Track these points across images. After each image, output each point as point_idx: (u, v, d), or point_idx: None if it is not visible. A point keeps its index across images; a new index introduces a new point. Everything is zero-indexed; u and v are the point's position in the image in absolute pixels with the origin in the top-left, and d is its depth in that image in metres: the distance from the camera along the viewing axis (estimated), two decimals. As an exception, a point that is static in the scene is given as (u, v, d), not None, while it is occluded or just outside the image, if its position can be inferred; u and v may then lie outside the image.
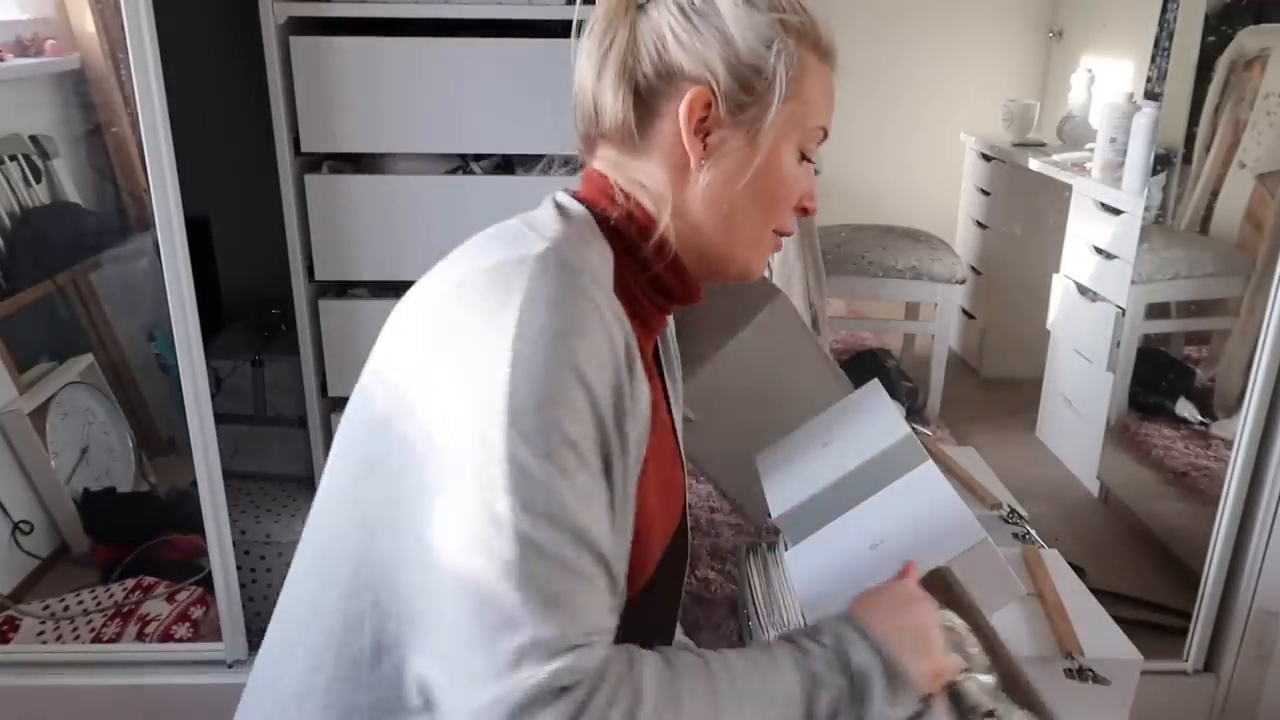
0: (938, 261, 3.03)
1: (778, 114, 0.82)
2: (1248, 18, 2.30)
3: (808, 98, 0.84)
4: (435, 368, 0.73)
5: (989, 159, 3.48)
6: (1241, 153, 2.28)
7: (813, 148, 0.87)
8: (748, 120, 0.82)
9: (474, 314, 0.73)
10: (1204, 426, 2.36)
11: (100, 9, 2.36)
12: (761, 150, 0.83)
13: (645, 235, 0.83)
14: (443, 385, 0.72)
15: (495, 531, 0.66)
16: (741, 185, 0.84)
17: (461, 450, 0.69)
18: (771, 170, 0.85)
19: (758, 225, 0.87)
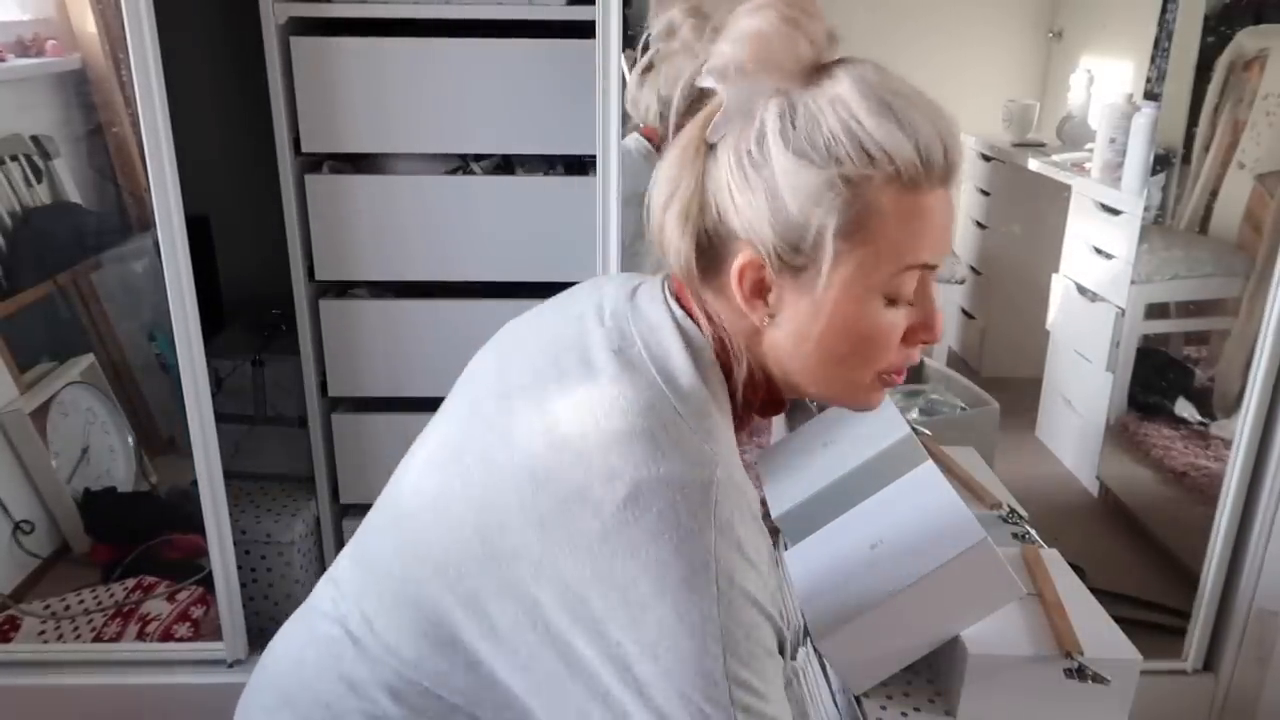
0: (937, 261, 3.03)
1: (837, 268, 0.76)
2: (1247, 18, 2.30)
3: (885, 240, 0.76)
4: (616, 619, 0.73)
5: (988, 159, 3.48)
6: (1241, 153, 2.28)
7: (907, 287, 0.79)
8: (805, 280, 0.77)
9: (665, 533, 0.72)
10: (1203, 426, 2.37)
11: (101, 9, 2.36)
12: (826, 306, 0.78)
13: (728, 366, 0.83)
14: (650, 617, 0.72)
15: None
16: (815, 339, 0.79)
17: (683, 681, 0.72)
18: (847, 323, 0.79)
19: (848, 373, 0.82)
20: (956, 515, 1.26)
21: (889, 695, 1.29)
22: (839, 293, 0.77)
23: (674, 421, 0.75)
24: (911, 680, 1.31)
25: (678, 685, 0.71)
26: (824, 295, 0.77)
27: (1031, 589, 1.31)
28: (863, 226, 0.75)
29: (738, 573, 0.73)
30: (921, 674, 1.32)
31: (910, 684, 1.31)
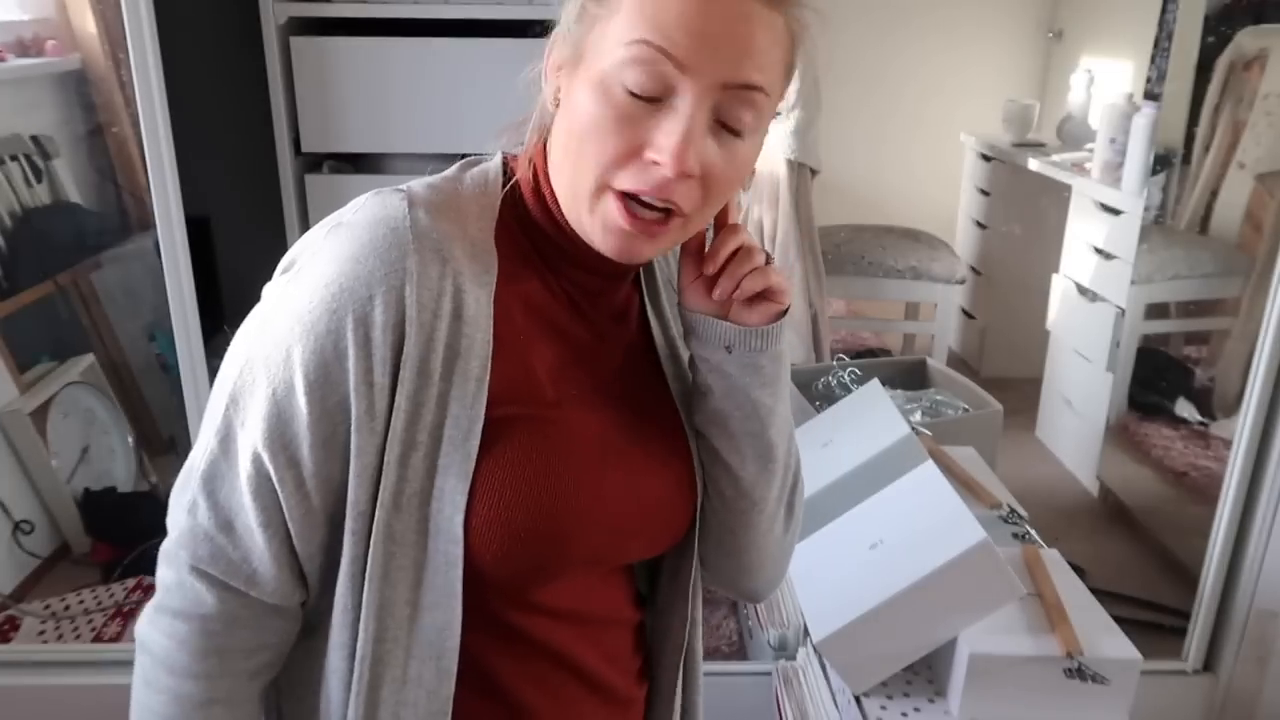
0: (937, 261, 3.03)
1: (588, 33, 0.68)
2: (1247, 18, 2.30)
3: (625, 7, 0.66)
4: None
5: (989, 159, 3.48)
6: (1241, 153, 2.28)
7: (632, 72, 0.65)
8: (581, 57, 0.69)
9: (316, 229, 0.76)
10: (1203, 426, 2.37)
11: (101, 9, 2.36)
12: (572, 80, 0.69)
13: (535, 195, 0.76)
14: (266, 287, 0.77)
15: (211, 409, 0.73)
16: (559, 129, 0.71)
17: (236, 336, 0.74)
18: (571, 100, 0.69)
19: (572, 171, 0.70)
20: (957, 515, 1.26)
21: (889, 695, 1.29)
22: (583, 66, 0.69)
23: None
24: (911, 680, 1.31)
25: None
26: (579, 68, 0.69)
27: (1031, 589, 1.31)
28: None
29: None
30: (921, 674, 1.32)
31: (910, 684, 1.31)
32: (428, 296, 0.68)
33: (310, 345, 0.68)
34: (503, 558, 0.71)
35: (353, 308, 0.68)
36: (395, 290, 0.68)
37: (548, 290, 0.77)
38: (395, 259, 0.68)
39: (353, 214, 0.72)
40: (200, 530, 0.73)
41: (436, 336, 0.69)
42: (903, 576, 1.22)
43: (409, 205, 0.71)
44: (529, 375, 0.73)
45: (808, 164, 2.77)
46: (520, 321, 0.74)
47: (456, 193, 0.75)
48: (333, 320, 0.68)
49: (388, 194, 0.73)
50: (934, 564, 1.20)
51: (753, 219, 2.91)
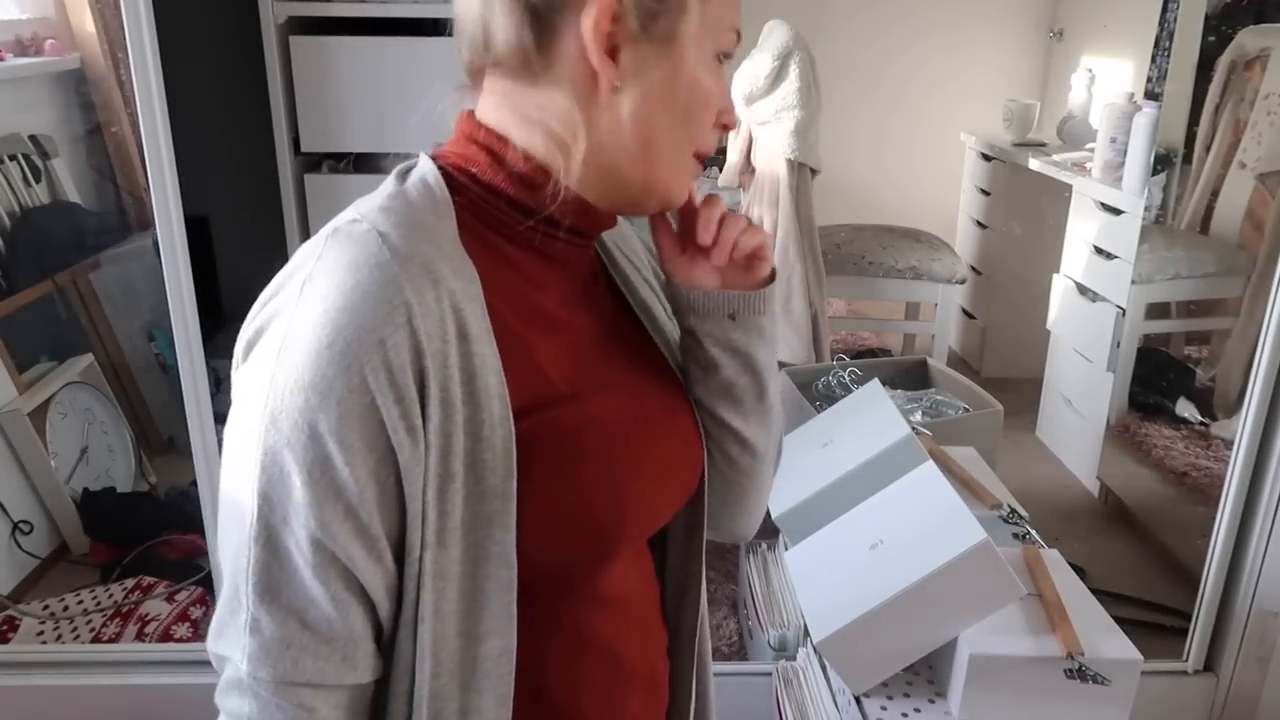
0: (938, 261, 3.03)
1: (690, 18, 0.70)
2: (1248, 18, 2.30)
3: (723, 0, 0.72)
4: (243, 340, 0.71)
5: (989, 159, 3.48)
6: (1242, 153, 2.28)
7: (730, 49, 0.74)
8: (663, 31, 0.70)
9: (272, 294, 0.70)
10: (1204, 426, 2.36)
11: (100, 9, 2.36)
12: (677, 59, 0.71)
13: (532, 182, 0.72)
14: (242, 372, 0.70)
15: (238, 518, 0.66)
16: (659, 103, 0.72)
17: (233, 438, 0.68)
18: (694, 85, 0.72)
19: (680, 149, 0.75)
20: (957, 515, 1.26)
21: (889, 695, 1.29)
22: (690, 44, 0.71)
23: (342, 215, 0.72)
24: (911, 680, 1.31)
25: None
26: (678, 47, 0.71)
27: (1032, 589, 1.31)
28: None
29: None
30: (921, 674, 1.32)
31: (910, 684, 1.30)
32: (433, 325, 0.65)
33: (335, 413, 0.63)
34: (556, 567, 0.71)
35: (367, 358, 0.63)
36: (403, 327, 0.64)
37: (526, 281, 0.75)
38: (392, 295, 0.64)
39: (318, 263, 0.67)
40: (274, 643, 0.66)
41: (450, 363, 0.66)
42: (903, 577, 1.22)
43: (379, 233, 0.67)
44: (540, 377, 0.72)
45: (808, 164, 2.77)
46: (514, 323, 0.72)
47: (410, 207, 0.71)
48: (351, 378, 0.63)
49: (348, 230, 0.68)
50: (934, 564, 1.20)
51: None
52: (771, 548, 2.00)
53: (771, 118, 2.76)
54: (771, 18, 2.86)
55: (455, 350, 0.66)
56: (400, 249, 0.66)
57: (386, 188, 0.74)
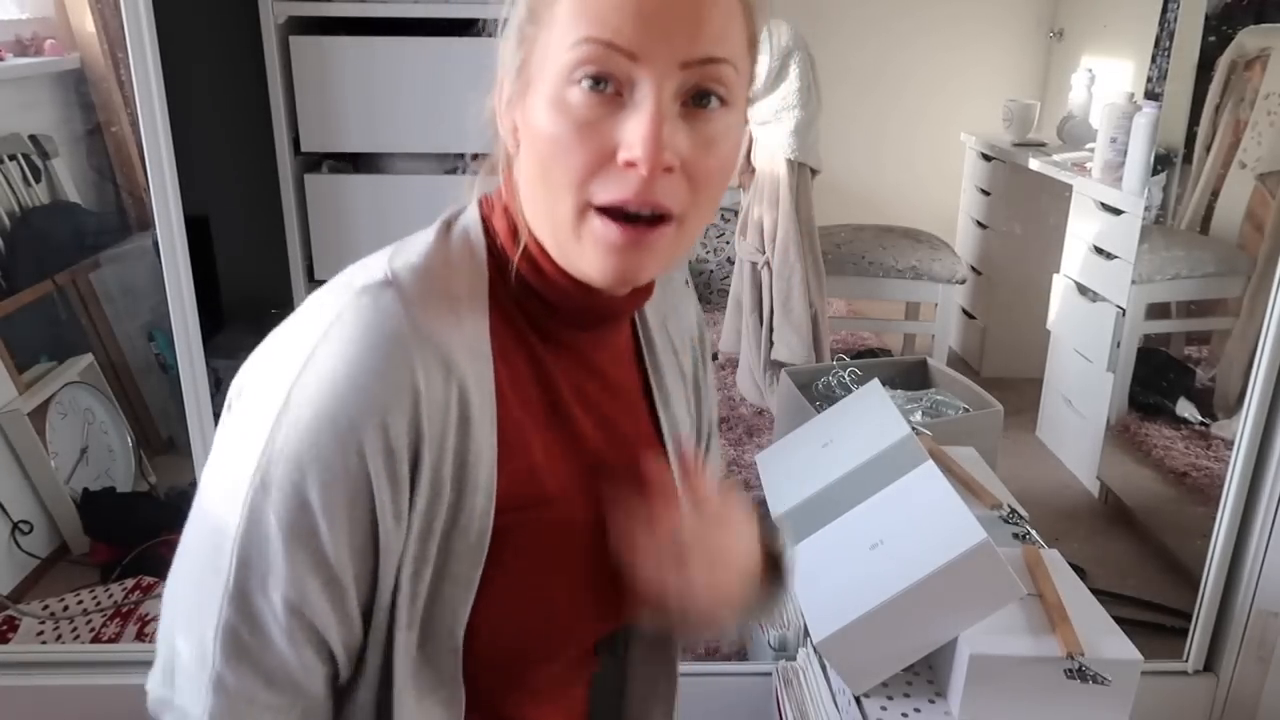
0: (938, 261, 3.03)
1: (532, 54, 0.64)
2: (1248, 18, 2.30)
3: (564, 13, 0.62)
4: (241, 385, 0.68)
5: (989, 159, 3.48)
6: (1242, 153, 2.28)
7: (592, 61, 0.61)
8: (527, 82, 0.65)
9: (280, 347, 0.66)
10: (1204, 426, 2.36)
11: (100, 9, 2.36)
12: (527, 106, 0.65)
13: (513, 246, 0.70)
14: (236, 407, 0.67)
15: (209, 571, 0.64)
16: (526, 166, 0.66)
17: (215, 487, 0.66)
18: (535, 129, 0.64)
19: (544, 203, 0.65)
20: (957, 516, 1.26)
21: (889, 695, 1.28)
22: (532, 90, 0.64)
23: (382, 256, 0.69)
24: (911, 680, 1.31)
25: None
26: (530, 91, 0.64)
27: (1032, 589, 1.31)
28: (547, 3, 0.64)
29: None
30: (921, 674, 1.32)
31: (910, 684, 1.30)
32: (437, 410, 0.63)
33: (329, 489, 0.62)
34: (500, 654, 0.71)
35: (368, 439, 0.61)
36: (408, 412, 0.62)
37: (540, 366, 0.72)
38: (402, 379, 0.62)
39: (336, 325, 0.63)
40: (239, 702, 0.65)
41: (447, 446, 0.64)
42: (903, 577, 1.22)
43: (404, 305, 0.64)
44: (531, 477, 0.70)
45: (808, 164, 2.77)
46: (518, 413, 0.69)
47: (447, 268, 0.68)
48: (349, 458, 0.61)
49: (376, 295, 0.64)
50: (934, 564, 1.20)
51: (753, 219, 2.91)
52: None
53: (771, 118, 2.76)
54: (771, 18, 2.86)
55: (454, 434, 0.65)
56: (421, 328, 0.63)
57: (429, 237, 0.70)
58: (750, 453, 2.79)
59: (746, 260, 2.97)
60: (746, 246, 2.95)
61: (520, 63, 0.65)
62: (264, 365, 0.66)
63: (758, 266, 2.90)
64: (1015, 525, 1.50)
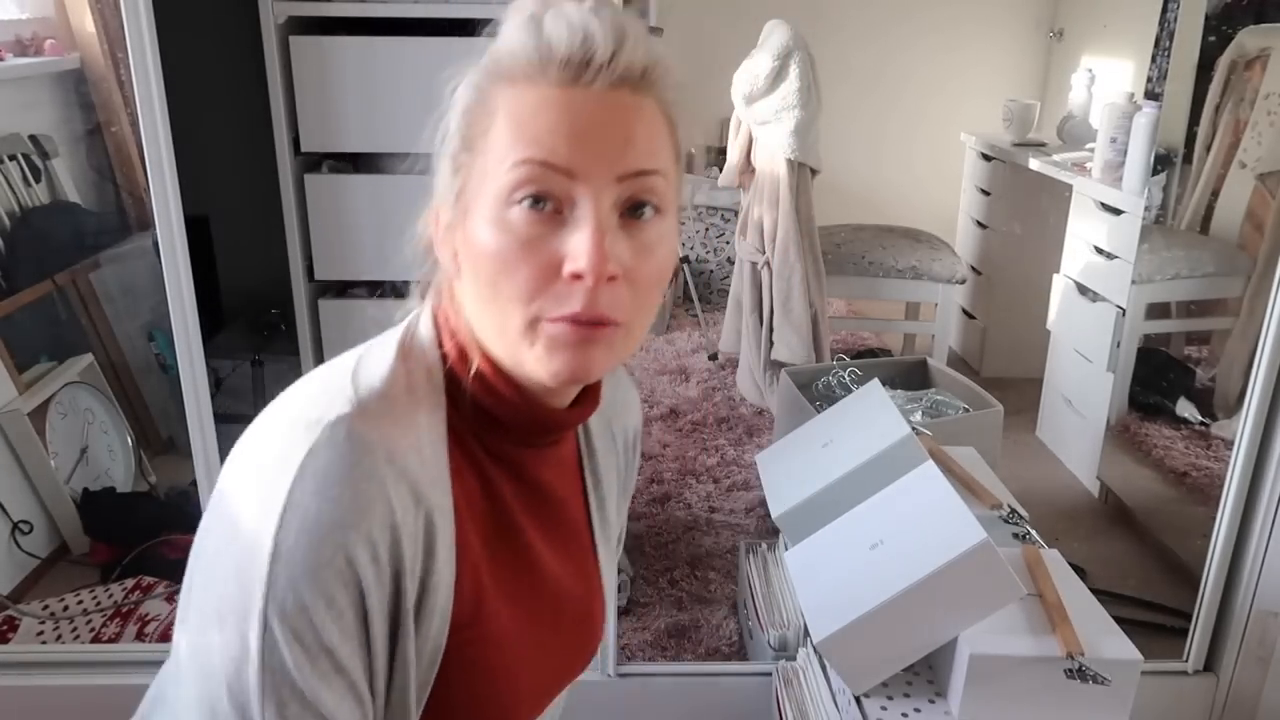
0: (938, 261, 3.03)
1: (469, 179, 0.67)
2: (1248, 18, 2.30)
3: (499, 139, 0.65)
4: (209, 543, 0.67)
5: (989, 159, 3.48)
6: (1242, 153, 2.28)
7: (527, 182, 0.64)
8: (465, 207, 0.68)
9: (251, 487, 0.65)
10: (1204, 426, 2.36)
11: (100, 9, 2.36)
12: (468, 226, 0.67)
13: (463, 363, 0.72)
14: (211, 565, 0.66)
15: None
16: (472, 284, 0.68)
17: (218, 646, 0.64)
18: (477, 247, 0.66)
19: (494, 319, 0.67)
20: (957, 516, 1.26)
21: (889, 695, 1.28)
22: (471, 214, 0.67)
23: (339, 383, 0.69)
24: (911, 680, 1.31)
25: None
26: (469, 215, 0.67)
27: (1032, 589, 1.31)
28: (477, 122, 0.67)
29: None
30: (921, 674, 1.32)
31: (910, 684, 1.30)
32: (410, 542, 0.65)
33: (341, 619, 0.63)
34: None
35: (364, 573, 0.63)
36: (389, 547, 0.64)
37: (490, 485, 0.74)
38: (384, 514, 0.64)
39: (309, 458, 0.63)
40: None
41: (416, 577, 0.66)
42: (903, 576, 1.22)
43: (376, 438, 0.65)
44: (479, 595, 0.72)
45: (808, 164, 2.77)
46: (470, 535, 0.71)
47: (410, 395, 0.69)
48: (351, 591, 0.63)
49: (348, 425, 0.64)
50: (934, 564, 1.20)
51: (753, 219, 2.91)
52: (771, 548, 2.00)
53: (771, 118, 2.76)
54: (771, 18, 2.86)
55: (420, 566, 0.67)
56: (395, 461, 0.65)
57: (389, 358, 0.70)
58: (750, 453, 2.79)
59: (746, 260, 2.97)
60: (746, 246, 2.95)
61: (458, 189, 0.68)
62: (243, 501, 0.66)
63: (758, 266, 2.90)
64: (1015, 525, 1.50)
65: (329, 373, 0.70)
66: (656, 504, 2.56)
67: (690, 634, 2.08)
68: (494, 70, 0.67)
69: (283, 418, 0.68)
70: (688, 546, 2.39)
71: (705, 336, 3.66)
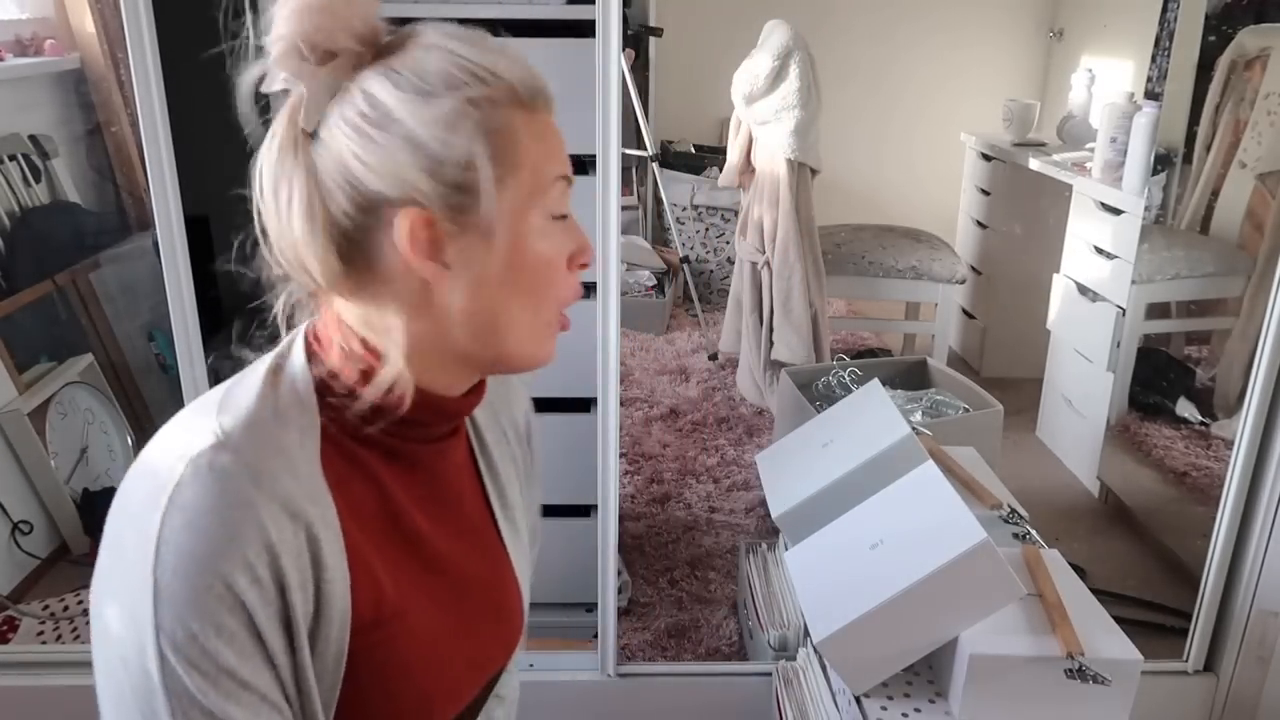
0: (938, 261, 3.03)
1: (503, 195, 0.71)
2: (1248, 18, 2.30)
3: (529, 160, 0.72)
4: (99, 590, 0.70)
5: (989, 159, 3.48)
6: (1242, 152, 2.28)
7: (562, 202, 0.75)
8: (478, 220, 0.71)
9: (127, 529, 0.69)
10: (1204, 426, 2.36)
11: (100, 9, 2.36)
12: (502, 240, 0.72)
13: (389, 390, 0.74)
14: (103, 613, 0.70)
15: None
16: (497, 281, 0.73)
17: (126, 683, 0.68)
18: (522, 254, 0.73)
19: (529, 315, 0.75)
20: (957, 515, 1.26)
21: (889, 695, 1.28)
22: (512, 221, 0.72)
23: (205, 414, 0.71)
24: (911, 680, 1.31)
25: None
26: (500, 229, 0.72)
27: (1032, 589, 1.31)
28: (507, 147, 0.71)
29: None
30: (922, 674, 1.32)
31: (910, 684, 1.30)
32: (292, 558, 0.67)
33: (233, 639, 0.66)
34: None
35: (245, 593, 0.66)
36: (269, 565, 0.66)
37: (380, 487, 0.77)
38: (256, 536, 0.66)
39: (178, 492, 0.66)
40: None
41: (307, 591, 0.69)
42: (903, 576, 1.22)
43: (242, 465, 0.67)
44: (378, 595, 0.74)
45: (808, 164, 2.77)
46: (359, 539, 0.73)
47: (277, 418, 0.71)
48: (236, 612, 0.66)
49: (210, 464, 0.67)
50: (934, 564, 1.20)
51: (753, 219, 2.91)
52: (771, 548, 2.00)
53: (771, 117, 2.76)
54: (771, 18, 2.86)
55: (310, 577, 0.69)
56: (263, 485, 0.67)
57: (255, 385, 0.73)
58: (750, 453, 2.79)
59: (746, 260, 2.97)
60: (746, 246, 2.95)
61: (471, 208, 0.71)
62: (121, 544, 0.69)
63: (758, 266, 2.90)
64: (1015, 525, 1.50)
65: (194, 410, 0.73)
66: (656, 504, 2.56)
67: (690, 634, 2.08)
68: (503, 96, 0.71)
69: (151, 458, 0.70)
70: (688, 546, 2.39)
71: (705, 336, 3.66)
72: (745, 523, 2.49)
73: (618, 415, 1.68)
